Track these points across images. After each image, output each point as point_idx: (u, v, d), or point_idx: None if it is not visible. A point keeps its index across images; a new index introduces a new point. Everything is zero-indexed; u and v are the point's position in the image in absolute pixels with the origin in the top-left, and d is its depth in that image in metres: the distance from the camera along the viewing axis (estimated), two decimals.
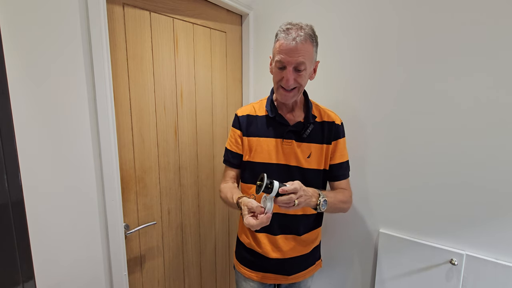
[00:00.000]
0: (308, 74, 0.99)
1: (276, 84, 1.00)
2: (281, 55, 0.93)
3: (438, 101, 1.09)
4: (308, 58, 0.94)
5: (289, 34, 0.91)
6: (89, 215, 0.98)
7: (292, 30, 0.92)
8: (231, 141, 1.13)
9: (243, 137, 1.09)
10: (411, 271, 1.19)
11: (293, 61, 0.92)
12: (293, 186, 0.85)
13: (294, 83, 0.96)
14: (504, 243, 1.02)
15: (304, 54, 0.92)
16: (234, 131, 1.12)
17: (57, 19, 0.85)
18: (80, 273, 0.97)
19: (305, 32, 0.92)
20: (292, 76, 0.94)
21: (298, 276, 1.12)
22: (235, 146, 1.11)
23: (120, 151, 1.09)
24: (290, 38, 0.90)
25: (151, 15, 1.14)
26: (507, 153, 0.99)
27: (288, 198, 0.83)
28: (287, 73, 0.94)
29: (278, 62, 0.95)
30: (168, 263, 1.34)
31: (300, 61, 0.92)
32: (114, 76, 1.04)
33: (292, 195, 0.84)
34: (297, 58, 0.92)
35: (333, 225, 1.40)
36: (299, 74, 0.95)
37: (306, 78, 0.99)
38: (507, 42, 0.96)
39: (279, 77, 0.98)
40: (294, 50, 0.91)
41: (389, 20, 1.17)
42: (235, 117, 1.13)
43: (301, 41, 0.91)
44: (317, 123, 1.07)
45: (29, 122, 0.81)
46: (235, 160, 1.12)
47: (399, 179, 1.21)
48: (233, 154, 1.12)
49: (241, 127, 1.10)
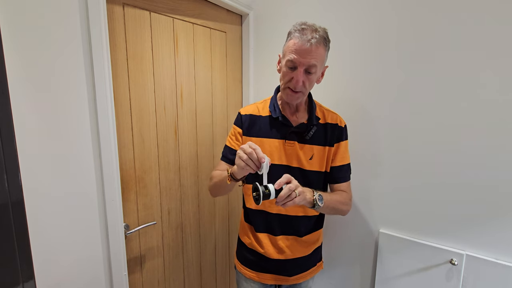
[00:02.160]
0: (316, 77, 0.98)
1: (284, 84, 0.99)
2: (294, 55, 0.91)
3: (438, 101, 1.09)
4: (319, 61, 0.93)
5: (304, 35, 0.89)
6: (89, 215, 0.98)
7: (307, 30, 0.90)
8: (231, 138, 1.12)
9: (243, 136, 1.09)
10: (411, 271, 1.19)
11: (305, 63, 0.91)
12: (285, 176, 0.83)
13: (302, 85, 0.94)
14: (504, 243, 1.02)
15: (316, 57, 0.91)
16: (235, 128, 1.11)
17: (57, 19, 0.84)
18: (80, 273, 0.97)
19: (320, 35, 0.90)
20: (301, 78, 0.93)
21: (299, 277, 1.12)
22: (235, 144, 1.10)
23: (120, 151, 1.09)
24: (305, 38, 0.89)
25: (151, 15, 1.14)
26: (507, 153, 0.99)
27: (287, 190, 0.81)
28: (297, 74, 0.93)
29: (290, 61, 0.93)
30: (168, 263, 1.34)
31: (312, 64, 0.91)
32: (114, 76, 1.04)
33: (290, 185, 0.82)
34: (310, 60, 0.91)
35: (333, 225, 1.40)
36: (309, 76, 0.94)
37: (314, 82, 0.98)
38: (507, 42, 0.96)
39: (288, 77, 0.96)
40: (308, 51, 0.90)
41: (388, 20, 1.17)
42: (238, 115, 1.12)
43: (316, 44, 0.89)
44: (320, 125, 1.06)
45: (29, 122, 0.81)
46: (233, 156, 1.09)
47: (399, 179, 1.21)
48: (232, 151, 1.10)
49: (243, 126, 1.09)
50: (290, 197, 0.82)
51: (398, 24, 1.15)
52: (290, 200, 0.82)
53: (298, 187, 0.84)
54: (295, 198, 0.82)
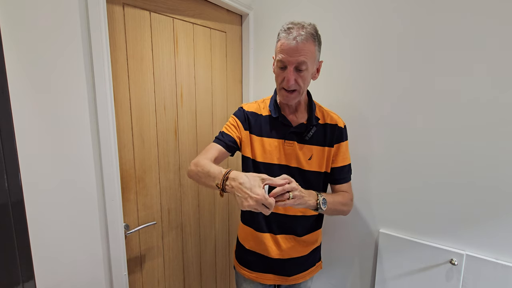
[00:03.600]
0: (311, 74, 0.97)
1: (278, 85, 0.99)
2: (282, 55, 0.92)
3: (438, 101, 1.09)
4: (309, 57, 0.92)
5: (290, 34, 0.90)
6: (89, 215, 0.98)
7: (294, 29, 0.91)
8: (229, 126, 1.09)
9: (245, 131, 1.07)
10: (411, 271, 1.19)
11: (293, 61, 0.91)
12: (282, 175, 0.82)
13: (295, 83, 0.94)
14: (504, 243, 1.02)
15: (305, 54, 0.91)
16: (236, 120, 1.08)
17: (57, 19, 0.84)
18: (80, 273, 0.97)
19: (307, 31, 0.90)
20: (292, 76, 0.93)
21: (298, 277, 1.12)
22: (232, 131, 1.07)
23: (120, 151, 1.09)
24: (291, 37, 0.89)
25: (151, 15, 1.14)
26: (508, 153, 0.99)
27: (281, 189, 0.79)
28: (288, 73, 0.93)
29: (279, 61, 0.94)
30: (168, 263, 1.34)
31: (301, 61, 0.91)
32: (114, 76, 1.04)
33: (286, 185, 0.80)
34: (298, 58, 0.91)
35: (333, 225, 1.40)
36: (300, 74, 0.94)
37: (308, 79, 0.97)
38: (508, 41, 0.96)
39: (281, 78, 0.97)
40: (294, 49, 0.90)
41: (389, 20, 1.17)
42: (241, 110, 1.10)
43: (302, 41, 0.89)
44: (320, 125, 1.06)
45: (29, 122, 0.81)
46: (228, 140, 1.05)
47: (400, 179, 1.21)
48: (229, 137, 1.06)
49: (245, 122, 1.07)
50: (282, 196, 0.80)
51: (398, 25, 1.15)
52: (282, 201, 0.80)
53: (295, 190, 0.82)
54: (288, 200, 0.80)
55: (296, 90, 0.97)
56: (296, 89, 0.97)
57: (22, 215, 0.58)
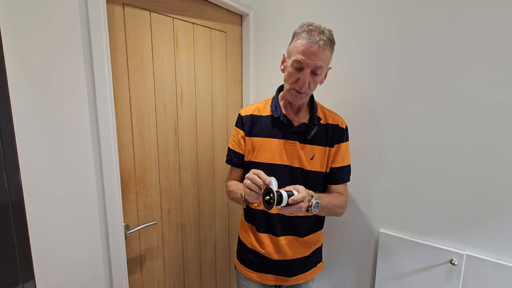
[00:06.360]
0: (321, 78, 0.99)
1: (290, 84, 0.98)
2: (301, 56, 0.91)
3: (438, 101, 1.09)
4: (325, 63, 0.93)
5: (312, 36, 0.89)
6: (89, 215, 0.98)
7: (315, 32, 0.90)
8: (234, 141, 1.13)
9: (245, 137, 1.09)
10: (411, 271, 1.19)
11: (312, 64, 0.91)
12: (301, 194, 0.83)
13: (307, 86, 0.95)
14: (504, 243, 1.02)
15: (323, 59, 0.91)
16: (238, 131, 1.11)
17: (57, 19, 0.84)
18: (80, 273, 0.97)
19: (326, 37, 0.90)
20: (308, 79, 0.93)
21: (300, 278, 1.12)
22: (237, 146, 1.11)
23: (120, 151, 1.09)
24: (313, 40, 0.89)
25: (151, 15, 1.14)
26: (508, 153, 0.99)
27: (298, 207, 0.83)
28: (304, 75, 0.93)
29: (297, 62, 0.92)
30: (168, 263, 1.34)
31: (319, 65, 0.91)
32: (114, 76, 1.04)
33: (301, 204, 0.83)
34: (317, 62, 0.91)
35: (333, 225, 1.40)
36: (314, 78, 0.95)
37: (318, 83, 0.99)
38: (508, 41, 0.96)
39: (294, 78, 0.96)
40: (315, 53, 0.90)
41: (388, 19, 1.17)
42: (239, 117, 1.12)
43: (323, 45, 0.89)
44: (321, 125, 1.06)
45: (29, 122, 0.81)
46: (238, 160, 1.12)
47: (399, 179, 1.21)
48: (236, 154, 1.12)
49: (244, 127, 1.09)
50: (295, 211, 0.84)
51: (398, 24, 1.15)
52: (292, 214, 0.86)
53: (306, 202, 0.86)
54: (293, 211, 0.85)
55: (306, 93, 0.98)
56: (306, 92, 0.97)
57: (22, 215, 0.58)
